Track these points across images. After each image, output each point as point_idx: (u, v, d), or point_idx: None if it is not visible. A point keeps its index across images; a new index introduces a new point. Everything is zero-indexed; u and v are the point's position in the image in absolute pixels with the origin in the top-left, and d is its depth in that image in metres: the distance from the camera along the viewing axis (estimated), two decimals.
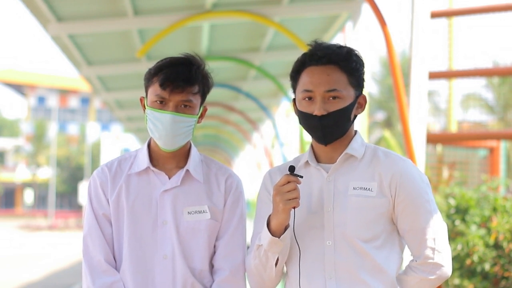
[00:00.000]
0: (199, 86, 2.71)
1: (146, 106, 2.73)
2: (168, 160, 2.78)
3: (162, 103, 2.67)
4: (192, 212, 2.74)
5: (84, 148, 56.12)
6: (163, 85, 2.66)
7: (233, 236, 2.78)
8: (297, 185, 2.49)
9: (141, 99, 2.79)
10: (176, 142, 2.70)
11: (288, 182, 2.47)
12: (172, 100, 2.66)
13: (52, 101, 62.39)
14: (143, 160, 2.78)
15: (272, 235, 2.51)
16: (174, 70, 2.67)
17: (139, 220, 2.73)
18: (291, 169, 2.49)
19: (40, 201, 61.39)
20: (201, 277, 2.74)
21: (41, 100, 65.17)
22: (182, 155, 2.79)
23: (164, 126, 2.66)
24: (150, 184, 2.76)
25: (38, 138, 58.16)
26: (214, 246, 2.78)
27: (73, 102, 64.60)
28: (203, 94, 2.75)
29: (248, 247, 2.73)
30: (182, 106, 2.67)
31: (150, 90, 2.71)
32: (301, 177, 2.49)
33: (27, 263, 19.86)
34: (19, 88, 66.70)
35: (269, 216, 2.54)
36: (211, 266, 2.78)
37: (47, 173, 57.45)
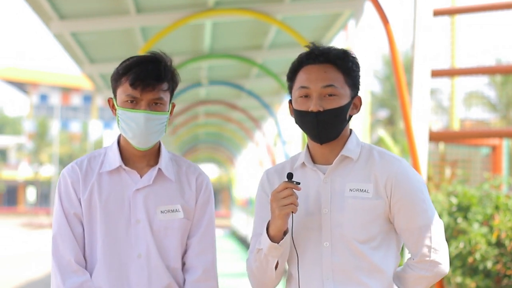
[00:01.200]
0: (169, 83, 2.71)
1: (116, 107, 2.72)
2: (139, 159, 2.77)
3: (133, 103, 2.66)
4: (165, 211, 2.75)
5: (86, 146, 56.16)
6: (133, 85, 2.65)
7: (204, 235, 2.80)
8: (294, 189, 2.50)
9: (109, 100, 2.78)
10: (150, 140, 2.70)
11: (286, 188, 2.48)
12: (144, 98, 2.66)
13: (55, 99, 62.42)
14: (114, 158, 2.76)
15: (271, 241, 2.53)
16: (144, 68, 2.66)
17: (113, 219, 2.72)
18: (289, 176, 2.50)
19: (43, 199, 61.45)
20: (174, 275, 2.76)
21: (43, 98, 65.23)
22: (153, 154, 2.79)
23: (138, 125, 2.66)
24: (122, 183, 2.75)
25: (41, 136, 58.20)
26: (186, 244, 2.80)
27: (76, 100, 64.66)
28: (172, 90, 2.75)
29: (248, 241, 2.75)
30: (154, 104, 2.68)
31: (120, 90, 2.70)
32: (299, 183, 2.50)
33: (29, 261, 19.88)
34: (21, 86, 66.79)
35: (269, 221, 2.55)
36: (183, 263, 2.80)
37: (49, 171, 57.48)
